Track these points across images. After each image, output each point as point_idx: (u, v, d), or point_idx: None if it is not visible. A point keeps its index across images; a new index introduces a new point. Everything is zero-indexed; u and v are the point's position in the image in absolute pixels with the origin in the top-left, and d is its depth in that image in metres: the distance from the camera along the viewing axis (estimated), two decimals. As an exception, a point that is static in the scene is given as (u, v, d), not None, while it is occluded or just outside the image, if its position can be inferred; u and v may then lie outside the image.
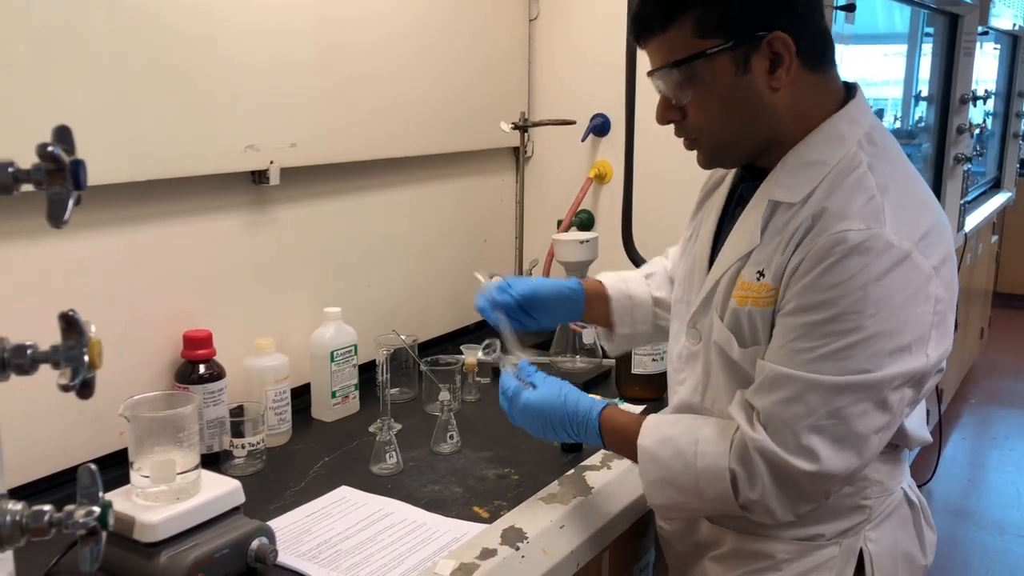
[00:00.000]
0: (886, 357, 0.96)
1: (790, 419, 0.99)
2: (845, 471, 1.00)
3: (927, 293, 0.97)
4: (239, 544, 1.10)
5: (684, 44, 1.04)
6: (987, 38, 4.09)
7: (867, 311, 0.95)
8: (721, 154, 1.14)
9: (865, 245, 0.95)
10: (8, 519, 0.55)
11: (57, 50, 1.23)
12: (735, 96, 1.05)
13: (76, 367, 0.54)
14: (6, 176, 0.52)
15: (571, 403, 1.20)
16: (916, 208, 1.01)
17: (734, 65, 1.03)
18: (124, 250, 1.39)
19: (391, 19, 1.80)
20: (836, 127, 1.07)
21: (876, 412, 0.98)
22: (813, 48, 1.05)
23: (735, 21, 1.02)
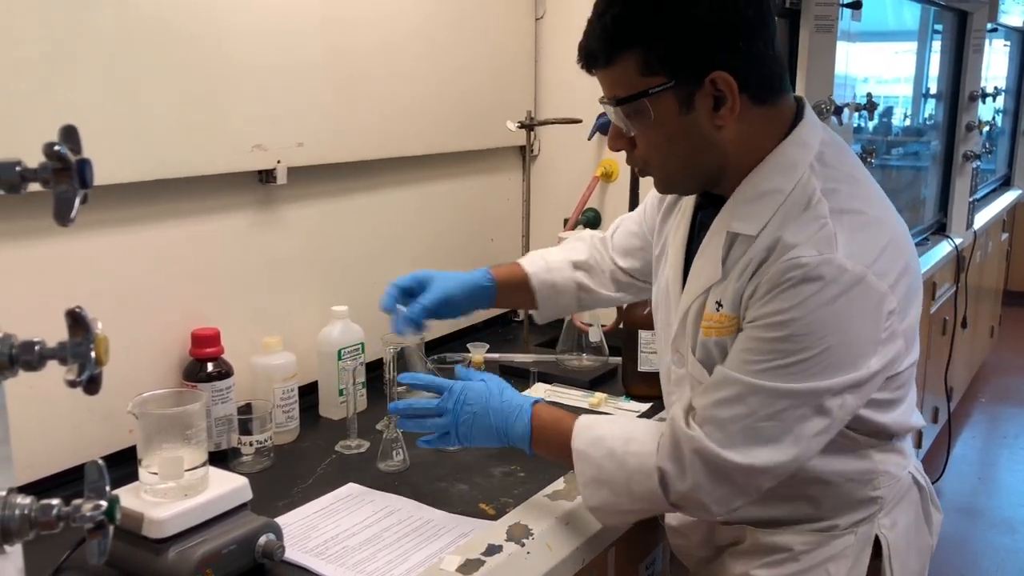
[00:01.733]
0: (828, 370, 0.99)
1: (728, 419, 1.02)
2: (777, 466, 1.02)
3: (879, 313, 0.99)
4: (247, 540, 1.11)
5: (628, 81, 1.04)
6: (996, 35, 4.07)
7: (816, 333, 0.97)
8: (672, 185, 1.17)
9: (818, 271, 0.97)
10: (16, 513, 0.56)
11: (65, 50, 1.25)
12: (679, 134, 1.06)
13: (83, 363, 0.55)
14: (13, 175, 0.53)
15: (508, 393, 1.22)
16: (869, 229, 1.02)
17: (678, 104, 1.03)
18: (132, 249, 1.40)
19: (397, 19, 1.81)
20: (786, 154, 1.07)
21: (815, 417, 1.00)
22: (760, 82, 1.05)
23: (678, 60, 1.01)
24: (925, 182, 3.74)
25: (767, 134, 1.08)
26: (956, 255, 3.53)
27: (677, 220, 1.24)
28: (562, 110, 2.16)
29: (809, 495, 1.15)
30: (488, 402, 1.20)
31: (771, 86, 1.07)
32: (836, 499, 1.15)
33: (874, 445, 1.14)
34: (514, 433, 1.19)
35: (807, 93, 1.98)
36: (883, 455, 1.15)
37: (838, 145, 1.12)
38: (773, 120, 1.08)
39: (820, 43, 1.95)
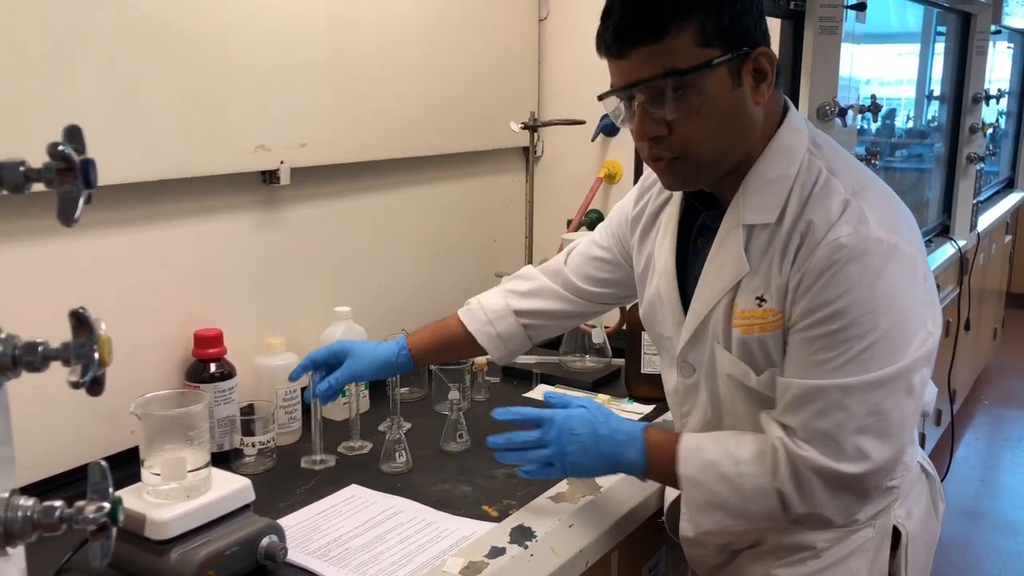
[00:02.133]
0: (904, 346, 0.99)
1: (832, 428, 1.01)
2: (889, 460, 1.02)
3: (917, 275, 1.01)
4: (249, 542, 1.10)
5: (686, 52, 1.00)
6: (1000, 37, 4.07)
7: (878, 309, 0.98)
8: (698, 173, 1.10)
9: (860, 248, 0.98)
10: (19, 514, 0.56)
11: (67, 50, 1.24)
12: (728, 110, 1.04)
13: (86, 364, 0.55)
14: (17, 175, 0.53)
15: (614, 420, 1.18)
16: (883, 199, 1.05)
17: (730, 78, 1.03)
18: (135, 249, 1.40)
19: (401, 19, 1.81)
20: (784, 141, 1.08)
21: (906, 399, 1.01)
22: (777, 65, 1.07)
23: (731, 32, 1.01)
24: (929, 184, 3.73)
25: (772, 119, 1.09)
26: (960, 257, 3.53)
27: (660, 236, 1.23)
28: (566, 111, 2.16)
29: None
30: (595, 430, 1.16)
31: (777, 71, 1.08)
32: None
33: None
34: (627, 461, 1.15)
35: (811, 95, 1.97)
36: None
37: (818, 131, 1.14)
38: (777, 104, 1.10)
39: (824, 44, 1.94)
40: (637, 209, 1.31)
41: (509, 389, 1.84)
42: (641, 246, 1.29)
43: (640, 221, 1.29)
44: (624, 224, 1.34)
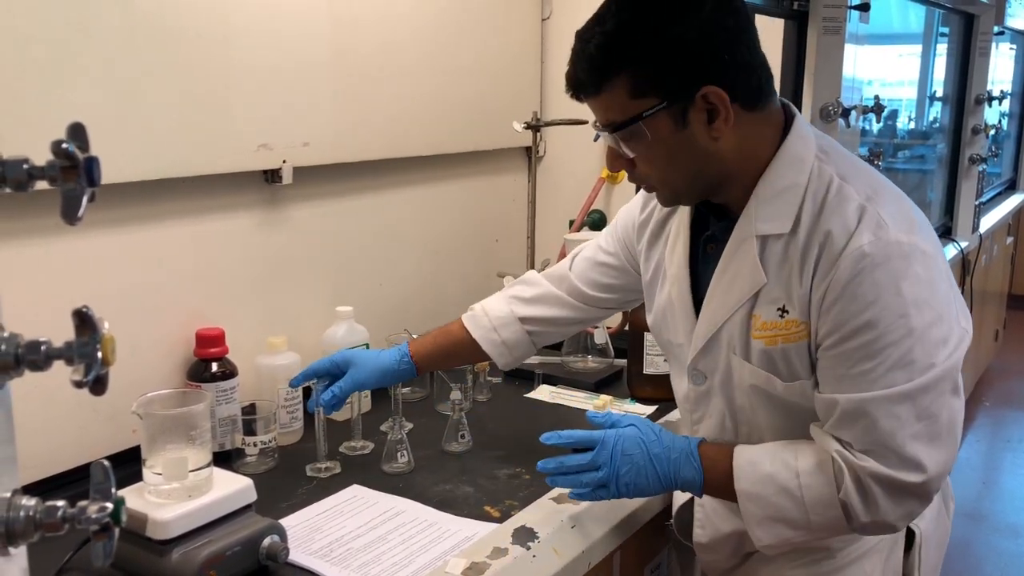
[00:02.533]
0: (942, 345, 0.99)
1: (886, 437, 1.00)
2: (948, 463, 1.02)
3: (941, 273, 1.01)
4: (251, 542, 1.10)
5: (620, 106, 1.04)
6: (1003, 38, 4.06)
7: (909, 312, 0.98)
8: (678, 198, 1.16)
9: (883, 254, 0.98)
10: (21, 514, 0.55)
11: (71, 49, 1.24)
12: (678, 150, 1.06)
13: (89, 363, 0.54)
14: (20, 172, 0.52)
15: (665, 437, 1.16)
16: (897, 202, 1.04)
17: (672, 122, 1.03)
18: (137, 248, 1.40)
19: (404, 19, 1.80)
20: (793, 149, 1.08)
21: (952, 398, 1.01)
22: (748, 90, 1.05)
23: (667, 80, 1.02)
24: (931, 185, 3.73)
25: (764, 137, 1.09)
26: (962, 259, 3.52)
27: (671, 242, 1.23)
28: (568, 111, 2.15)
29: None
30: (649, 449, 1.14)
31: (759, 91, 1.07)
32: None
33: None
34: (683, 479, 1.14)
35: (814, 95, 1.97)
36: None
37: (824, 135, 1.14)
38: (767, 123, 1.09)
39: (828, 45, 1.94)
40: (644, 215, 1.30)
41: (511, 390, 1.84)
42: (649, 252, 1.28)
43: (648, 227, 1.29)
44: (631, 229, 1.34)
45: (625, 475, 1.13)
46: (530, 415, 1.71)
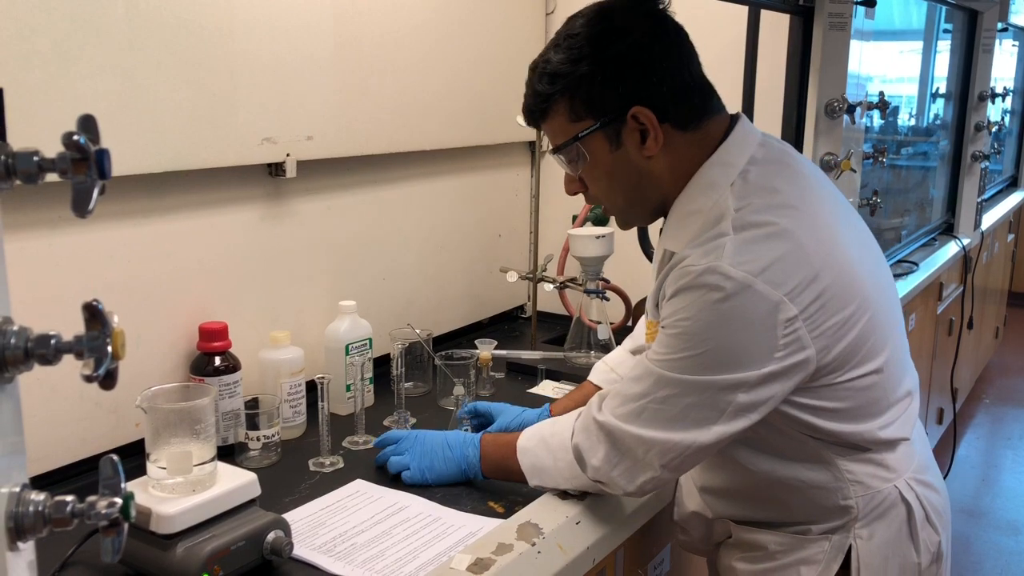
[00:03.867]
0: (714, 367, 1.05)
1: (629, 395, 1.12)
2: (666, 442, 1.08)
3: (772, 319, 1.02)
4: (255, 536, 1.10)
5: (561, 129, 1.14)
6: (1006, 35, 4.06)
7: (701, 334, 1.04)
8: (627, 218, 1.25)
9: (702, 278, 1.03)
10: (31, 509, 0.55)
11: (75, 42, 1.23)
12: (615, 170, 1.14)
13: (100, 357, 0.54)
14: (31, 164, 0.52)
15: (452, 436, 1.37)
16: (768, 240, 1.05)
17: (607, 142, 1.12)
18: (141, 241, 1.39)
19: (408, 13, 1.80)
20: (707, 175, 1.13)
21: (704, 407, 1.06)
22: (680, 110, 1.12)
23: (599, 102, 1.10)
24: (933, 182, 3.72)
25: (694, 158, 1.14)
26: (964, 255, 3.52)
27: None
28: (572, 106, 2.15)
29: (777, 498, 1.19)
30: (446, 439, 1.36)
31: (693, 112, 1.13)
32: (804, 504, 1.17)
33: (840, 454, 1.14)
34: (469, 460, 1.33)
35: (820, 91, 1.96)
36: (853, 465, 1.14)
37: (773, 160, 1.15)
38: (699, 144, 1.14)
39: (834, 41, 1.93)
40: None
41: (514, 385, 1.84)
42: None
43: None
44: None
45: (422, 459, 1.35)
46: (533, 410, 1.70)
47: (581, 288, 1.90)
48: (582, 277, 1.90)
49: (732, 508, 1.26)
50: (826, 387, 1.09)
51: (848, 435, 1.12)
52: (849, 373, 1.09)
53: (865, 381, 1.11)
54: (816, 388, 1.09)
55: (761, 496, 1.21)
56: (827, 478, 1.15)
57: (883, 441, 1.15)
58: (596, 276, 1.88)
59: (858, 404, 1.12)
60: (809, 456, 1.14)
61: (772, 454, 1.17)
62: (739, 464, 1.19)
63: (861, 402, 1.12)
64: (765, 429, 1.11)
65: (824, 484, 1.15)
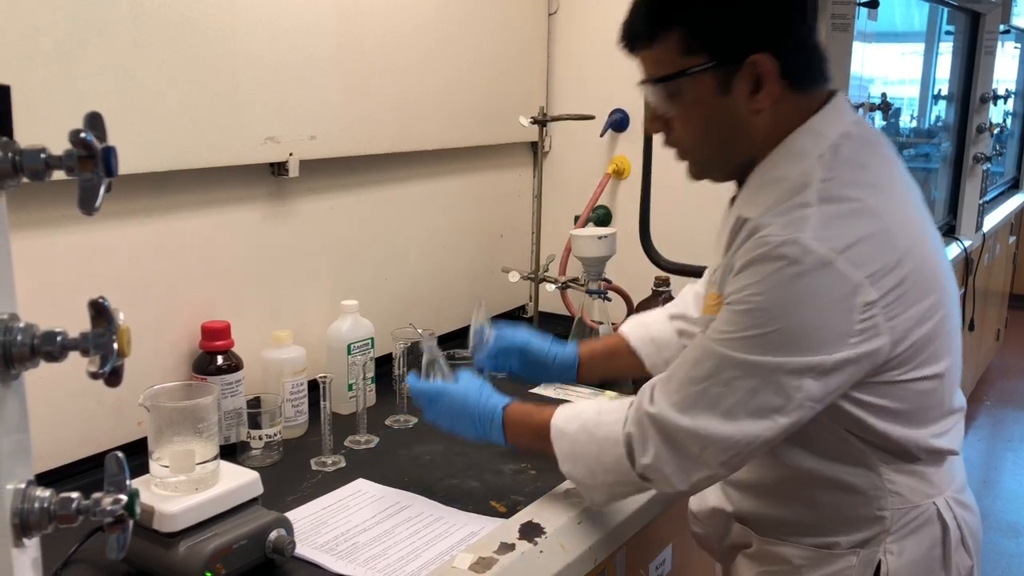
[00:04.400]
0: (783, 348, 0.98)
1: (685, 379, 1.04)
2: (727, 438, 1.01)
3: (850, 302, 0.96)
4: (257, 535, 1.10)
5: (669, 60, 1.05)
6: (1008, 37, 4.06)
7: (773, 310, 0.98)
8: (706, 169, 1.15)
9: (779, 250, 0.97)
10: (36, 506, 0.55)
11: (80, 41, 1.24)
12: (715, 116, 1.06)
13: (106, 355, 0.54)
14: (38, 162, 0.52)
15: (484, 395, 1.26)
16: (854, 217, 0.99)
17: (716, 85, 1.04)
18: (143, 240, 1.39)
19: (411, 13, 1.80)
20: (796, 142, 1.06)
21: (767, 392, 0.99)
22: (798, 69, 1.05)
23: (720, 41, 1.03)
24: (935, 184, 3.72)
25: (794, 122, 1.07)
26: (965, 257, 3.52)
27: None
28: (575, 106, 2.15)
29: (807, 498, 1.13)
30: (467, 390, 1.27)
31: (809, 74, 1.07)
32: (835, 509, 1.11)
33: (885, 461, 1.08)
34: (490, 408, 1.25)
35: (822, 92, 1.97)
36: (896, 475, 1.08)
37: (867, 140, 1.09)
38: (803, 109, 1.07)
39: (837, 42, 1.93)
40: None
41: (516, 386, 1.83)
42: None
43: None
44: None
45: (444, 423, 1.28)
46: (535, 410, 1.70)
47: (583, 288, 1.89)
48: (584, 277, 1.90)
49: (756, 505, 1.18)
50: (887, 384, 1.03)
51: (899, 439, 1.06)
52: (912, 372, 1.03)
53: (926, 385, 1.05)
54: (876, 384, 1.03)
55: (790, 495, 1.14)
56: (866, 484, 1.08)
57: (933, 450, 1.09)
58: (598, 276, 1.88)
59: (915, 407, 1.06)
60: (852, 458, 1.08)
61: (812, 451, 1.10)
62: (774, 457, 1.12)
63: (918, 405, 1.06)
64: (810, 424, 1.05)
65: (862, 490, 1.09)
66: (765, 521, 1.18)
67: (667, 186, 2.06)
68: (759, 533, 1.19)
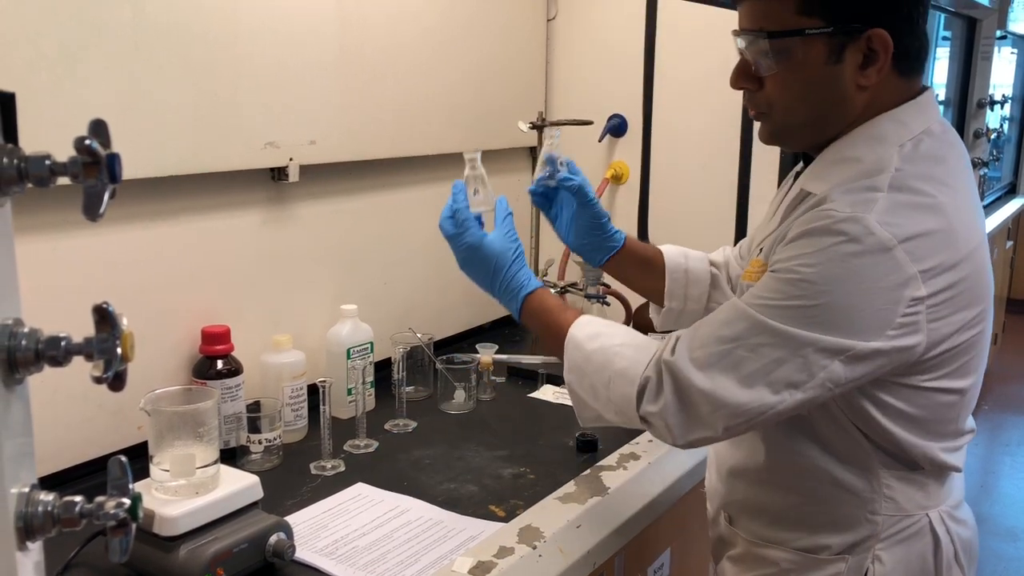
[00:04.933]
0: (821, 325, 0.95)
1: (711, 337, 1.00)
2: (740, 404, 0.98)
3: (900, 293, 0.94)
4: (257, 539, 1.10)
5: (783, 16, 1.00)
6: (1005, 42, 4.07)
7: (820, 284, 0.95)
8: (786, 134, 1.11)
9: (842, 226, 0.94)
10: (40, 509, 0.55)
11: (83, 47, 1.24)
12: (819, 83, 1.02)
13: (109, 359, 0.54)
14: (43, 168, 0.52)
15: (514, 266, 1.22)
16: (922, 210, 0.97)
17: (827, 52, 1.00)
18: (144, 245, 1.40)
19: (410, 19, 1.80)
20: (879, 127, 1.03)
21: (792, 365, 0.96)
22: (908, 52, 1.02)
23: (840, 6, 0.99)
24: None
25: (886, 103, 1.04)
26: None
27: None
28: (573, 111, 2.16)
29: (803, 489, 1.10)
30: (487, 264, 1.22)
31: (916, 60, 1.04)
32: (827, 506, 1.09)
33: (887, 465, 1.06)
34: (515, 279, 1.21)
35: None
36: (895, 481, 1.07)
37: (947, 142, 1.06)
38: (901, 94, 1.05)
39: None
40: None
41: (515, 390, 1.84)
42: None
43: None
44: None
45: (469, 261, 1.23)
46: (534, 415, 1.71)
47: (582, 293, 1.90)
48: (583, 282, 1.91)
49: (749, 492, 1.16)
50: (910, 388, 1.01)
51: (908, 446, 1.04)
52: (938, 382, 1.01)
53: (947, 398, 1.03)
54: (899, 386, 1.01)
55: (787, 484, 1.12)
56: (863, 485, 1.07)
57: (938, 463, 1.06)
58: (597, 281, 1.89)
59: (932, 417, 1.04)
60: (855, 457, 1.06)
61: (818, 443, 1.07)
62: (778, 444, 1.11)
63: (935, 417, 1.04)
64: (819, 414, 1.04)
65: (858, 490, 1.07)
66: (755, 510, 1.16)
67: (665, 191, 2.07)
68: (747, 526, 1.17)
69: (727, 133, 1.97)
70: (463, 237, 1.23)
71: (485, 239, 1.22)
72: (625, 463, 1.42)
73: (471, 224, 1.23)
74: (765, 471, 1.13)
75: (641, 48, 2.08)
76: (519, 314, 1.21)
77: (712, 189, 2.02)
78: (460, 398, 1.68)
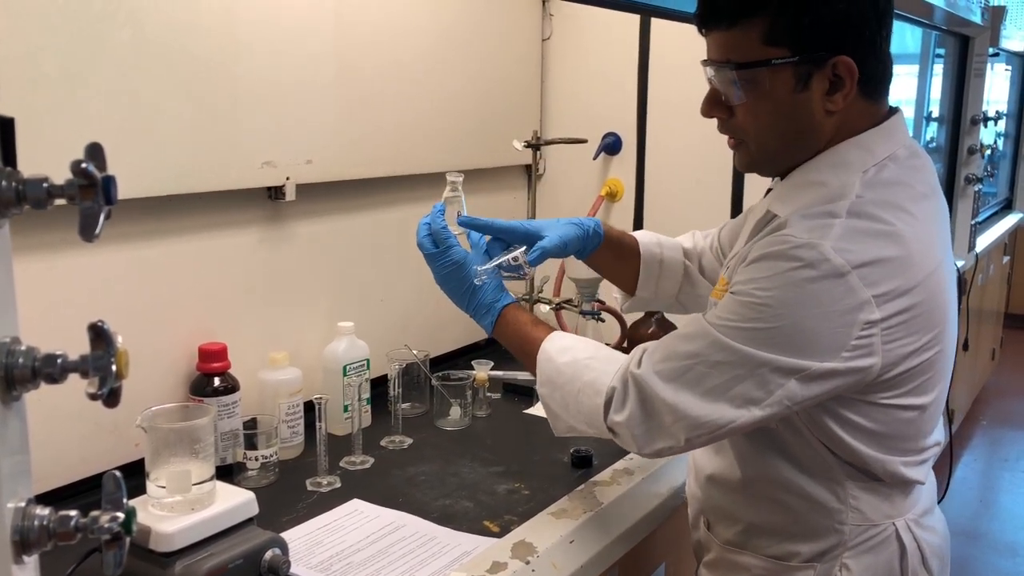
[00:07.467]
0: (777, 346, 0.99)
1: (676, 353, 1.04)
2: (700, 417, 1.02)
3: (853, 317, 0.97)
4: (253, 555, 1.11)
5: (749, 47, 1.03)
6: (998, 59, 4.10)
7: (775, 308, 0.98)
8: (761, 161, 1.13)
9: (797, 252, 0.98)
10: (35, 523, 0.56)
11: (81, 66, 1.26)
12: (788, 111, 1.05)
13: (104, 376, 0.55)
14: (40, 191, 0.54)
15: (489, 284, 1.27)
16: (879, 237, 0.99)
17: (794, 80, 1.03)
18: (142, 264, 1.41)
19: (407, 39, 1.83)
20: (844, 153, 1.06)
21: (750, 383, 1.00)
22: (874, 76, 1.06)
23: (805, 35, 1.01)
24: (927, 205, 3.74)
25: (857, 130, 1.07)
26: (959, 278, 3.54)
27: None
28: (568, 130, 2.18)
29: (774, 501, 1.14)
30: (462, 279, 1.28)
31: (882, 84, 1.08)
32: (797, 516, 1.12)
33: (852, 476, 1.09)
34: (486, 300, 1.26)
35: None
36: (860, 492, 1.10)
37: (912, 167, 1.09)
38: (868, 118, 1.08)
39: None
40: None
41: (510, 406, 1.85)
42: None
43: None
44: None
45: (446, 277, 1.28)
46: (529, 431, 1.72)
47: (577, 310, 1.91)
48: (578, 299, 1.92)
49: (724, 500, 1.19)
50: (870, 404, 1.04)
51: (870, 460, 1.07)
52: (898, 399, 1.04)
53: (906, 414, 1.06)
54: (858, 403, 1.04)
55: (758, 495, 1.15)
56: (829, 497, 1.10)
57: (900, 477, 1.09)
58: (592, 298, 1.90)
59: (892, 433, 1.06)
60: (820, 470, 1.09)
61: (786, 457, 1.11)
62: (750, 457, 1.14)
63: (896, 432, 1.07)
64: (785, 429, 1.08)
65: (824, 502, 1.10)
66: (730, 517, 1.19)
67: (659, 208, 2.09)
68: (722, 532, 1.20)
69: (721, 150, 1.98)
70: (447, 254, 1.28)
71: (468, 258, 1.28)
72: (619, 479, 1.42)
73: (454, 242, 1.27)
74: (738, 481, 1.17)
75: (635, 67, 2.11)
76: (491, 328, 1.25)
77: (706, 205, 2.04)
78: (456, 414, 1.69)
